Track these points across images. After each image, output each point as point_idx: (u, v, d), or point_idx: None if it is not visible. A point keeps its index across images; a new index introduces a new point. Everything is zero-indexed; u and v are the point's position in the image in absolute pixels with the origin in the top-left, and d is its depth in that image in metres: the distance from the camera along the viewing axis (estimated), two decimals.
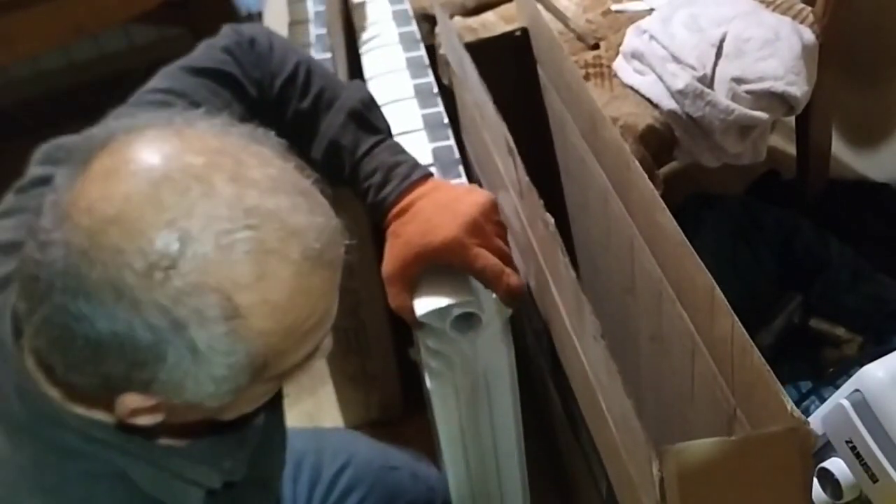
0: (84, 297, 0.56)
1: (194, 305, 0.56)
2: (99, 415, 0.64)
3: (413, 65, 1.17)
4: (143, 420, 0.62)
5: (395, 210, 0.86)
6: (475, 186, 0.92)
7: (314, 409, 1.67)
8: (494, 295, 0.86)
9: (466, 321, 0.88)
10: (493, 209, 0.86)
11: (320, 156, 0.89)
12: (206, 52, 0.87)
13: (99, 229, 0.56)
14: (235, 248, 0.57)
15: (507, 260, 0.85)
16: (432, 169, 0.92)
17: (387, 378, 1.57)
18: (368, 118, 0.89)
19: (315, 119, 0.89)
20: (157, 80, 0.83)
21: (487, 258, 0.83)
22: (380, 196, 0.86)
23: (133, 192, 0.56)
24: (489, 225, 0.85)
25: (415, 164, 0.88)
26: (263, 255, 0.58)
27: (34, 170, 0.72)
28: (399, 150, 0.90)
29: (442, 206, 0.84)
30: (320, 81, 0.90)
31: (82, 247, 0.56)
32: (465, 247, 0.83)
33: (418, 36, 1.24)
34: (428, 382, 0.95)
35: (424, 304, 0.86)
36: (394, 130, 0.93)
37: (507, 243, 0.87)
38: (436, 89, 1.12)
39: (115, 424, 0.64)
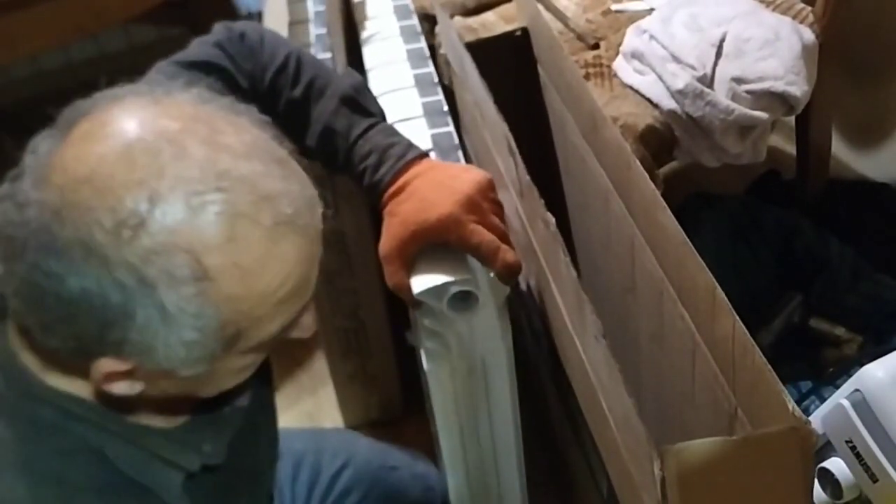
0: (55, 255, 0.57)
1: (163, 265, 0.57)
2: (77, 386, 0.65)
3: (413, 56, 1.17)
4: (120, 388, 0.63)
5: (391, 190, 0.86)
6: (471, 165, 0.92)
7: (314, 409, 1.67)
8: (491, 274, 0.85)
9: (464, 301, 0.88)
10: (489, 186, 0.85)
11: (315, 143, 0.89)
12: (198, 47, 0.88)
13: (71, 188, 0.57)
14: (205, 210, 0.57)
15: (503, 237, 0.85)
16: (431, 154, 0.92)
17: (387, 378, 1.57)
18: (361, 102, 0.89)
19: (307, 107, 0.89)
20: (151, 76, 0.84)
21: (483, 234, 0.83)
22: (375, 177, 0.86)
23: (106, 153, 0.57)
24: (485, 202, 0.84)
25: (409, 145, 0.88)
26: (233, 218, 0.58)
27: (28, 158, 0.73)
28: (393, 131, 0.90)
29: (438, 185, 0.84)
30: (311, 70, 0.90)
31: (55, 205, 0.57)
32: (461, 223, 0.82)
33: (419, 29, 1.24)
34: (425, 364, 0.95)
35: (422, 282, 0.86)
36: (393, 118, 0.92)
37: (503, 221, 0.87)
38: (436, 79, 1.12)
39: (92, 397, 0.65)
